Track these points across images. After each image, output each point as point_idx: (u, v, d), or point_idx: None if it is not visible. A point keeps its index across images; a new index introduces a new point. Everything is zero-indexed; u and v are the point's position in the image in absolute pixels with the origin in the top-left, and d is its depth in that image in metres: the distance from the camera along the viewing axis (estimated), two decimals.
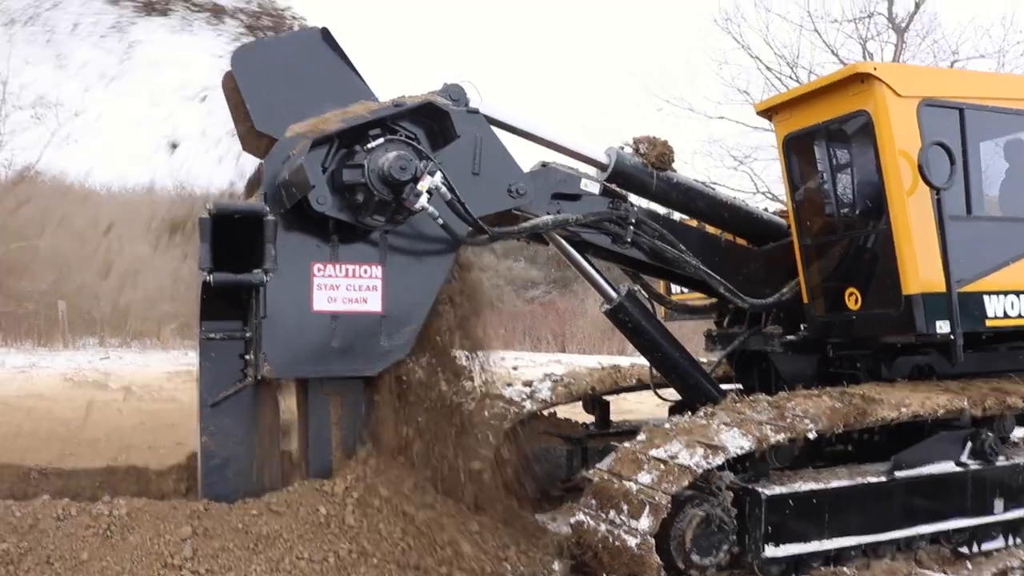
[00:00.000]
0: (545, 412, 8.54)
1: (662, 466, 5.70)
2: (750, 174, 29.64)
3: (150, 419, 14.21)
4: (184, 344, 34.10)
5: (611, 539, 5.58)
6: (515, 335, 36.47)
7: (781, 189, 26.26)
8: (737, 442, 5.79)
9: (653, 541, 5.38)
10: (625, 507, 5.61)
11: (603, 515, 5.75)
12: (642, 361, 8.37)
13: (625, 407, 9.43)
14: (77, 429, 12.87)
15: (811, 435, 5.98)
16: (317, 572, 5.16)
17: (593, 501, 5.92)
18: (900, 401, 6.39)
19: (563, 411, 8.88)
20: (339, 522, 5.46)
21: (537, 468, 7.89)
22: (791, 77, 29.19)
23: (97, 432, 12.64)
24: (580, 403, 9.17)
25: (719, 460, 5.68)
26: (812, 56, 37.59)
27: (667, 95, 39.79)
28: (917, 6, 27.81)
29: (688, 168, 7.77)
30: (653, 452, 5.87)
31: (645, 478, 5.67)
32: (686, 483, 5.57)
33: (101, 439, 12.02)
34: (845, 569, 6.27)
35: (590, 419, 9.26)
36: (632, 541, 5.42)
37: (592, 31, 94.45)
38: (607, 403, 9.19)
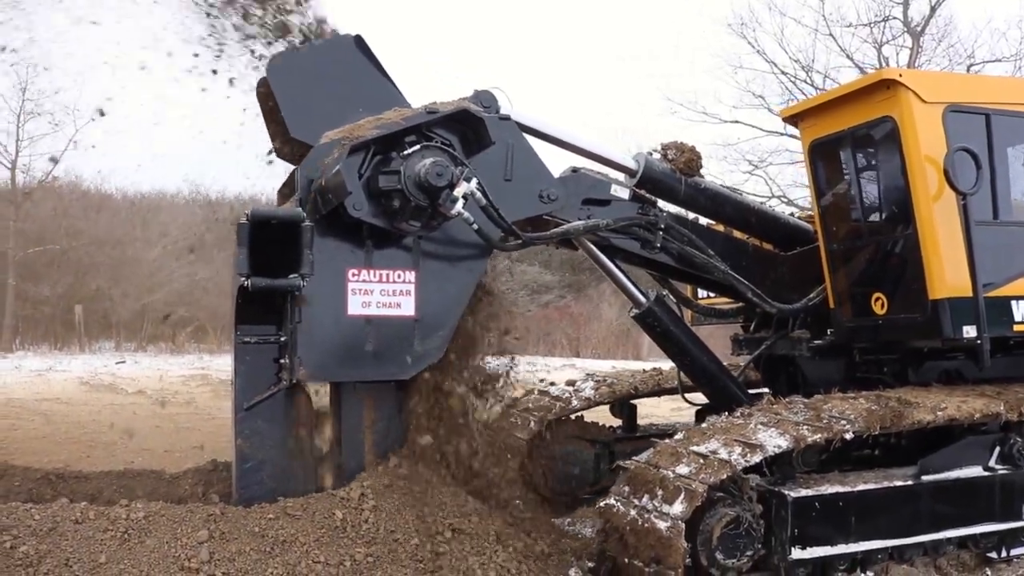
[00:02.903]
0: (572, 416, 8.58)
1: (701, 460, 5.75)
2: (765, 178, 29.61)
3: (165, 422, 14.36)
4: (199, 348, 34.34)
5: (640, 522, 5.60)
6: (529, 340, 36.50)
7: (796, 194, 26.24)
8: (775, 441, 5.84)
9: (683, 526, 5.39)
10: (660, 492, 5.64)
11: (635, 501, 5.78)
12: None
13: (640, 411, 9.46)
14: (94, 432, 12.99)
15: (848, 436, 6.00)
16: None
17: (626, 488, 5.96)
18: (936, 405, 6.41)
19: (590, 415, 8.93)
20: (355, 526, 5.51)
21: (564, 471, 7.94)
22: (806, 81, 29.25)
23: (113, 435, 12.77)
24: (607, 407, 9.20)
25: (757, 458, 5.73)
26: (827, 60, 37.62)
27: (681, 98, 39.81)
28: (933, 10, 27.84)
29: (702, 172, 7.86)
30: (693, 447, 5.93)
31: (683, 469, 5.72)
32: (724, 476, 5.61)
33: (117, 442, 12.15)
34: (869, 574, 6.28)
35: (617, 423, 9.29)
36: (662, 524, 5.43)
37: (598, 28, 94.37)
38: (634, 407, 9.23)
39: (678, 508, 5.45)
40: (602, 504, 6.04)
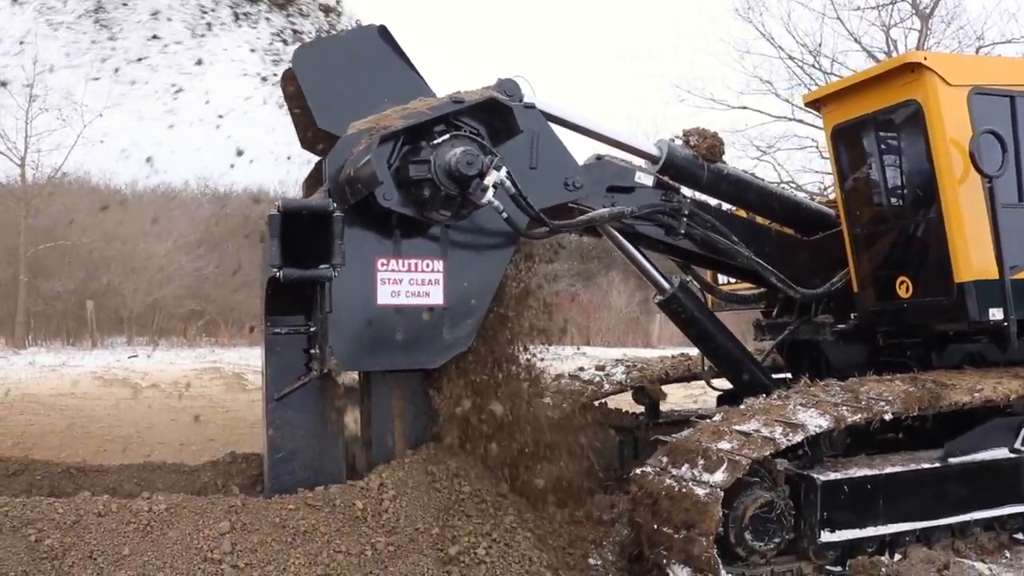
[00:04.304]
0: (596, 402, 8.61)
1: (744, 437, 5.78)
2: (773, 164, 29.52)
3: (180, 416, 14.41)
4: (210, 342, 34.46)
5: (677, 488, 5.62)
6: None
7: (805, 179, 26.22)
8: (816, 421, 5.87)
9: (722, 494, 5.40)
10: (701, 462, 5.67)
11: (673, 470, 5.81)
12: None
13: None
14: (109, 427, 13.06)
15: (887, 416, 6.05)
16: (355, 565, 5.21)
17: (664, 459, 5.99)
18: (972, 386, 6.45)
19: (613, 401, 8.95)
20: (376, 516, 5.54)
21: (588, 457, 7.96)
22: (814, 66, 29.12)
23: (129, 429, 12.84)
24: (630, 393, 9.22)
25: (799, 437, 5.76)
26: (835, 44, 37.54)
27: (688, 85, 39.80)
28: None
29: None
30: (735, 426, 5.96)
31: (726, 445, 5.75)
32: (768, 453, 5.64)
33: (133, 436, 12.21)
34: (883, 559, 6.30)
35: (639, 409, 9.30)
36: (700, 491, 5.45)
37: (598, 29, 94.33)
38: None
39: (719, 477, 5.47)
40: (637, 471, 6.08)
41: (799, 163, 37.02)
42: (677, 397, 13.17)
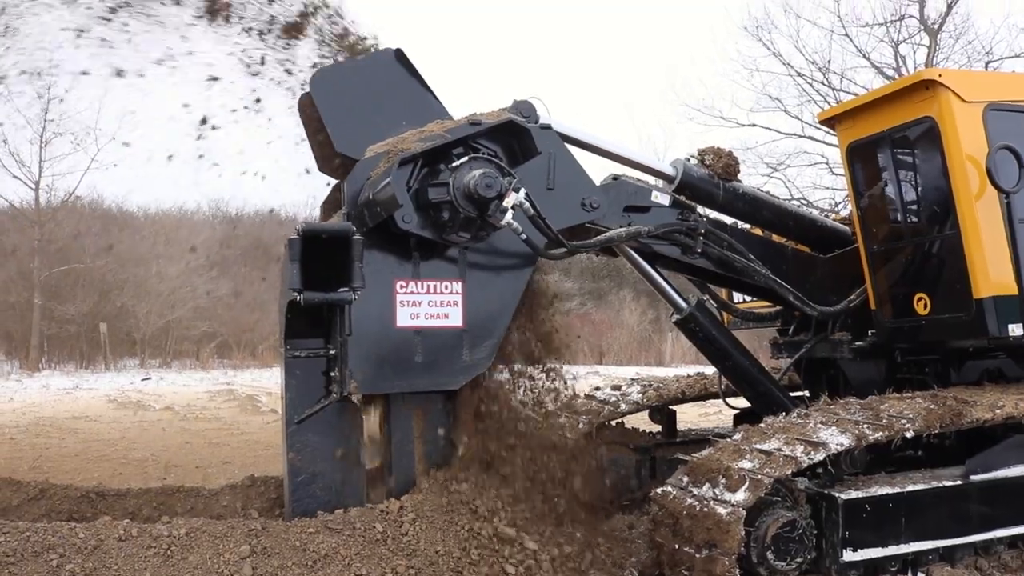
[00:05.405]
0: (613, 422, 8.60)
1: (765, 456, 5.75)
2: (784, 181, 29.55)
3: (194, 438, 14.42)
4: (223, 364, 34.53)
5: (699, 507, 5.58)
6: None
7: (815, 196, 26.22)
8: (837, 439, 5.84)
9: (744, 513, 5.37)
10: (723, 481, 5.63)
11: (694, 489, 5.78)
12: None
13: None
14: (124, 449, 13.09)
15: (909, 434, 6.00)
16: None
17: (685, 477, 5.95)
18: (993, 403, 6.41)
19: (629, 421, 8.94)
20: (396, 539, 5.53)
21: (607, 478, 7.94)
22: (823, 83, 29.19)
23: (144, 452, 12.86)
24: (646, 412, 9.21)
25: (820, 456, 5.73)
26: (843, 61, 37.63)
27: (698, 103, 39.92)
28: (949, 7, 27.71)
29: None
30: (756, 445, 5.94)
31: (747, 464, 5.72)
32: (790, 471, 5.61)
33: (148, 459, 12.22)
34: (920, 574, 6.27)
35: (656, 429, 9.29)
36: (722, 510, 5.42)
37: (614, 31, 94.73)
38: (674, 412, 9.24)
39: (741, 496, 5.45)
40: (658, 491, 6.04)
41: (809, 180, 37.08)
42: (692, 416, 13.14)
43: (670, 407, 9.19)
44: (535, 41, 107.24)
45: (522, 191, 5.62)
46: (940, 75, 6.78)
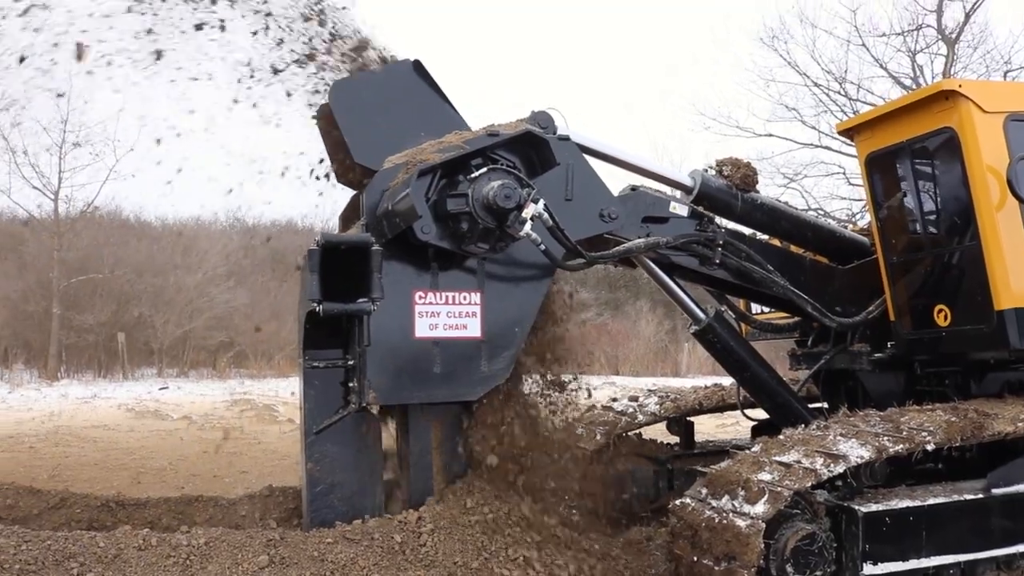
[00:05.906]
0: (630, 433, 8.58)
1: (784, 468, 5.73)
2: (800, 191, 29.48)
3: (212, 447, 14.46)
4: (240, 373, 34.64)
5: (718, 519, 5.58)
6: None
7: (832, 206, 26.13)
8: (857, 452, 5.83)
9: (764, 526, 5.36)
10: (742, 493, 5.63)
11: (713, 502, 5.77)
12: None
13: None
14: (142, 459, 13.15)
15: (929, 447, 5.98)
16: None
17: (704, 489, 5.95)
18: (1015, 415, 6.39)
19: (647, 432, 8.92)
20: (414, 549, 5.53)
21: (624, 489, 7.92)
22: (839, 92, 29.13)
23: (162, 461, 12.92)
24: (664, 424, 9.19)
25: (840, 468, 5.71)
26: (860, 71, 37.50)
27: (714, 112, 39.90)
28: (967, 17, 27.61)
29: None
30: (775, 457, 5.92)
31: (766, 476, 5.70)
32: (810, 484, 5.59)
33: (167, 468, 12.28)
34: None
35: (674, 440, 9.26)
36: (742, 522, 5.41)
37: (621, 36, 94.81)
38: (691, 424, 9.21)
39: (760, 508, 5.44)
40: (676, 503, 6.03)
41: (826, 190, 36.91)
42: (709, 427, 13.09)
43: (688, 418, 9.16)
44: (535, 41, 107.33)
45: (541, 202, 5.61)
46: (960, 85, 6.75)
